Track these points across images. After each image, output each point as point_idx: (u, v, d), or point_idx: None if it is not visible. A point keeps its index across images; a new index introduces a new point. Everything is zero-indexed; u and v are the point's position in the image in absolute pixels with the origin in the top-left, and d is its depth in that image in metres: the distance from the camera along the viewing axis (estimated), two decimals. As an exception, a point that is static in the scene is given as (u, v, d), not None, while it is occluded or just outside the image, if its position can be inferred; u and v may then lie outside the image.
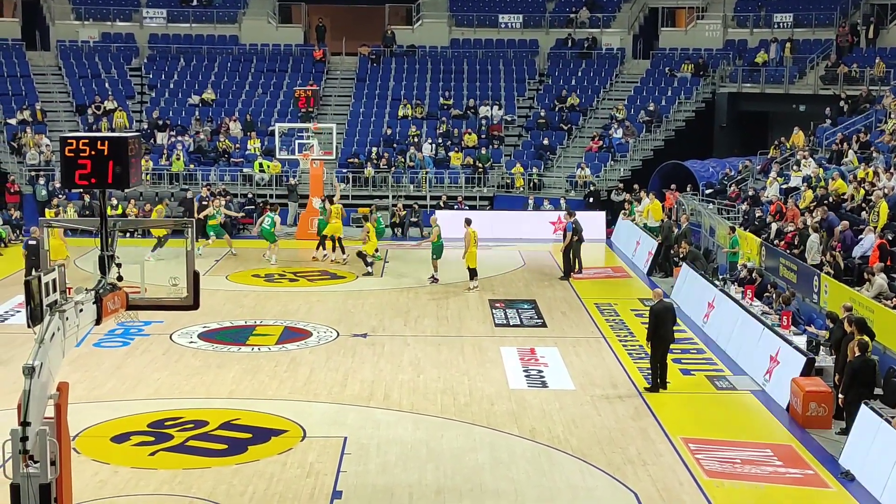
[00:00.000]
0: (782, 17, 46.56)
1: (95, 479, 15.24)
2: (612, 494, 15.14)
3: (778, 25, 46.40)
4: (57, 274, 11.14)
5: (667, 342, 19.64)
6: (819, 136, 36.52)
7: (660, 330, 19.39)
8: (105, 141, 11.59)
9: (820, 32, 45.23)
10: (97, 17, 49.36)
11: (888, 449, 14.91)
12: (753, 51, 45.51)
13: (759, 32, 46.56)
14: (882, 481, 14.87)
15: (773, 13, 47.01)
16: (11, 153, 42.30)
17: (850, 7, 45.71)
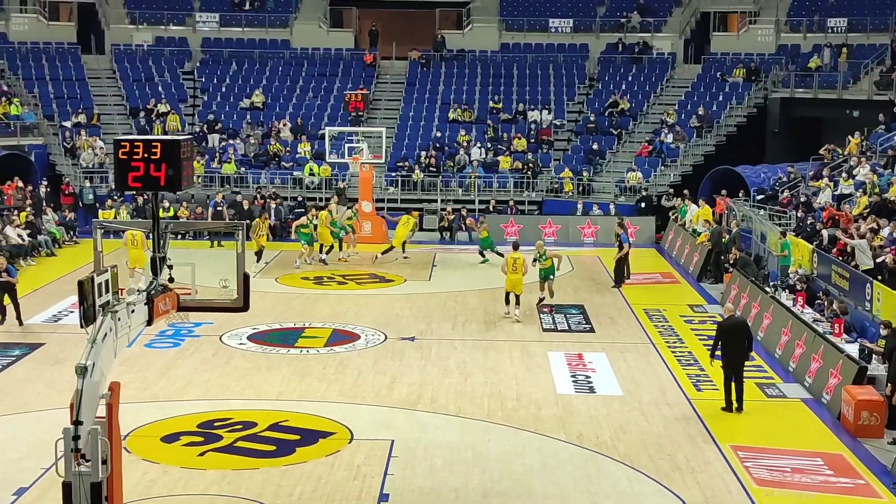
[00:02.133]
0: (836, 22, 46.14)
1: (145, 478, 15.38)
2: (660, 501, 15.06)
3: (832, 30, 45.98)
4: (110, 275, 11.25)
5: (736, 361, 18.78)
6: (873, 141, 36.14)
7: (727, 348, 18.75)
8: (158, 143, 11.68)
9: (875, 37, 44.72)
10: (151, 21, 49.84)
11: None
12: (806, 55, 45.12)
13: (813, 37, 46.13)
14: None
15: (826, 17, 46.58)
16: (66, 155, 42.77)
17: (907, 11, 45.32)
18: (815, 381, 20.16)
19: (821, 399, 19.51)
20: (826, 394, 19.34)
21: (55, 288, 28.62)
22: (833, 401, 18.88)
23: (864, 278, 23.15)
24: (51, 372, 20.63)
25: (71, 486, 10.42)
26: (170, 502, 14.70)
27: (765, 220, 32.78)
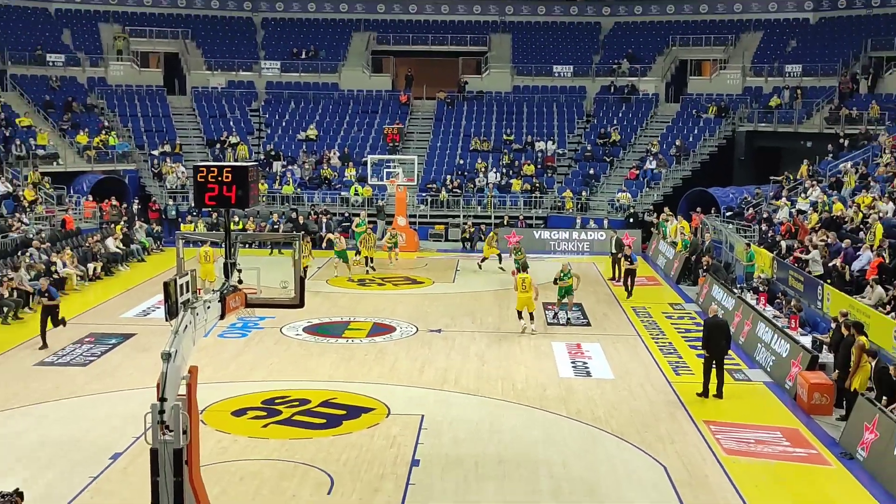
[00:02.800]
0: (792, 68, 45.99)
1: (219, 446, 15.45)
2: (645, 467, 15.02)
3: (789, 75, 45.80)
4: (189, 278, 11.32)
5: (719, 353, 18.47)
6: (823, 167, 36.03)
7: (710, 343, 18.50)
8: (229, 169, 11.75)
9: (825, 80, 44.57)
10: (224, 67, 50.10)
11: (883, 433, 14.69)
12: (768, 96, 44.96)
13: (773, 80, 45.95)
14: (877, 460, 14.63)
15: (784, 64, 46.44)
16: (154, 178, 43.05)
17: (851, 59, 45.13)
18: (775, 368, 20.08)
19: (779, 383, 19.44)
20: (784, 378, 19.26)
21: (145, 288, 28.82)
22: (790, 384, 18.81)
23: (815, 281, 23.07)
24: (141, 357, 20.76)
25: (157, 452, 10.47)
26: (239, 466, 14.75)
27: (733, 233, 32.70)
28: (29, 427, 16.54)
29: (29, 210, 34.46)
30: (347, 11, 53.28)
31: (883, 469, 14.38)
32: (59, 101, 45.01)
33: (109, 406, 17.66)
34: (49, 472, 14.38)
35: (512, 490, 14.03)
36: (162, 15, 51.37)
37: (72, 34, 49.10)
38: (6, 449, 15.44)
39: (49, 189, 37.81)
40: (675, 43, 49.67)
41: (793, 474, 14.81)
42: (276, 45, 51.73)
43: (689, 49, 49.51)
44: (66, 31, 49.11)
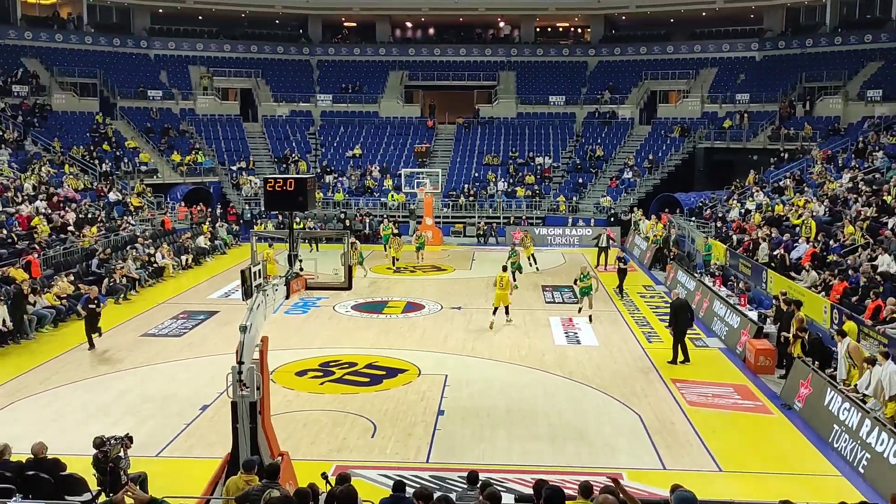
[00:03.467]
0: (741, 97, 45.53)
1: (285, 399, 15.52)
2: (624, 415, 14.98)
3: (738, 101, 45.37)
4: (261, 266, 11.36)
5: (683, 329, 18.33)
6: (766, 176, 35.74)
7: (676, 320, 18.31)
8: (293, 180, 11.78)
9: (768, 106, 44.14)
10: (288, 100, 50.19)
11: (815, 389, 14.61)
12: (721, 119, 44.56)
13: (726, 106, 45.52)
14: (811, 410, 14.55)
15: (735, 93, 45.99)
16: (233, 188, 43.24)
17: (789, 89, 44.70)
18: (728, 336, 19.96)
19: (732, 348, 19.33)
20: (735, 344, 19.15)
21: (226, 275, 28.97)
22: (740, 349, 18.70)
23: (761, 267, 22.92)
24: (223, 330, 20.88)
25: (236, 405, 10.52)
26: (300, 415, 14.82)
27: (694, 228, 32.54)
28: (135, 385, 16.68)
29: (135, 213, 34.70)
30: (385, 55, 53.27)
31: (815, 417, 14.31)
32: (158, 127, 45.24)
33: (199, 368, 17.78)
34: (151, 421, 14.50)
35: (518, 435, 14.01)
36: (238, 58, 51.50)
37: (167, 74, 49.31)
38: (117, 403, 15.58)
39: (150, 197, 38.06)
40: (647, 77, 49.31)
41: (743, 422, 14.73)
42: (328, 82, 51.73)
43: (658, 82, 49.14)
44: (162, 72, 49.33)
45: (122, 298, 24.80)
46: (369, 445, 13.44)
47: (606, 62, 51.93)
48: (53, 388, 16.41)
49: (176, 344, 19.95)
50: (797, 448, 13.60)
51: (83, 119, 43.39)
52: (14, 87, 41.97)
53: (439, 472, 12.31)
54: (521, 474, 12.14)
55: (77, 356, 18.87)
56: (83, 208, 31.67)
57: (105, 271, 25.75)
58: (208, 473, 10.87)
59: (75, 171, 36.82)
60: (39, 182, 32.33)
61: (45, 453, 10.45)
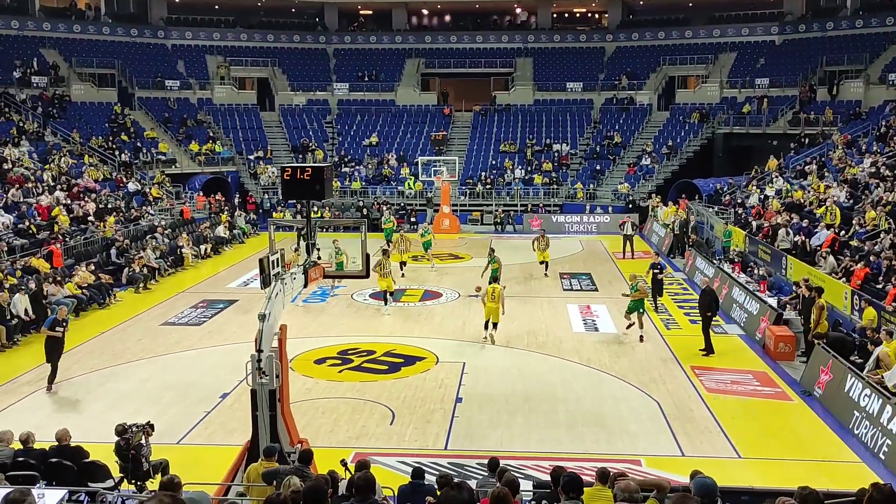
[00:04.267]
0: (761, 81, 45.08)
1: (304, 387, 15.62)
2: (642, 402, 14.96)
3: (758, 86, 44.89)
4: (279, 255, 11.41)
5: (710, 317, 18.09)
6: (786, 161, 35.43)
7: (703, 308, 18.14)
8: (310, 169, 11.80)
9: (788, 90, 43.64)
10: (304, 89, 50.21)
11: (836, 375, 14.52)
12: (741, 104, 44.12)
13: (745, 91, 45.08)
14: (831, 397, 14.47)
15: (755, 78, 45.50)
16: (251, 177, 43.39)
17: (810, 73, 44.15)
18: (747, 323, 19.86)
19: (751, 334, 19.22)
20: (755, 331, 19.04)
21: (245, 264, 29.11)
22: (759, 335, 18.60)
23: (780, 253, 22.75)
24: (242, 318, 21.01)
25: (256, 392, 10.60)
26: (320, 402, 14.90)
27: (713, 215, 32.31)
28: (156, 374, 16.84)
29: (154, 203, 34.92)
30: (401, 42, 53.15)
31: (835, 403, 14.23)
32: (176, 117, 45.42)
33: (218, 356, 17.91)
34: (172, 409, 14.63)
35: (535, 421, 14.03)
36: (255, 47, 51.57)
37: (185, 64, 49.46)
38: (138, 391, 15.74)
39: (169, 187, 38.27)
40: (665, 63, 48.88)
41: (762, 408, 14.67)
42: (345, 71, 51.70)
43: (676, 67, 48.70)
44: (180, 62, 49.49)
45: (141, 288, 25.01)
46: (388, 433, 13.50)
47: (624, 48, 51.55)
48: (76, 376, 16.59)
49: (196, 332, 20.10)
50: (817, 434, 13.53)
51: (102, 110, 43.65)
52: (33, 79, 42.27)
53: (458, 458, 12.36)
54: (539, 461, 12.17)
55: (98, 345, 19.06)
56: (103, 198, 31.92)
57: (125, 261, 25.97)
58: (228, 460, 10.97)
59: (95, 161, 37.07)
60: (59, 173, 32.60)
61: (68, 440, 10.59)
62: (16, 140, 34.71)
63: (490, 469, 9.54)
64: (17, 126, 36.71)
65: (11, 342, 18.97)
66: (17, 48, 44.00)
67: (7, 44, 43.97)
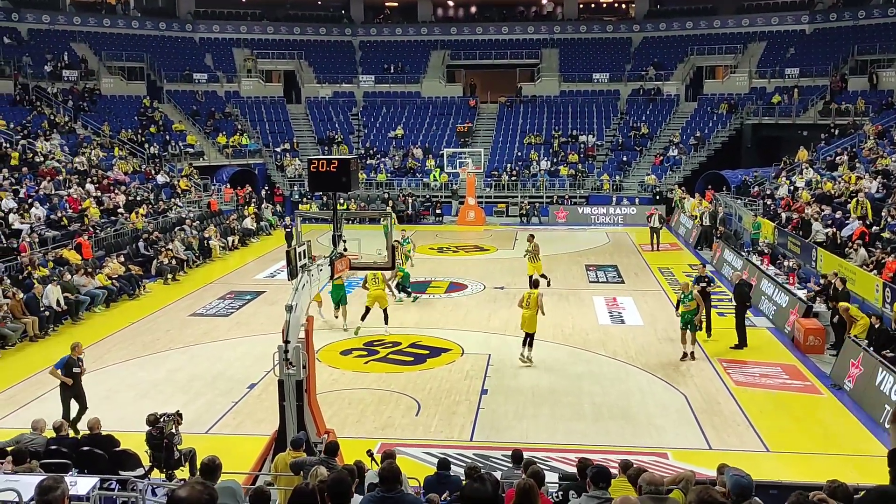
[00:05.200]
0: (791, 71, 44.50)
1: (330, 378, 15.71)
2: (669, 395, 14.88)
3: (788, 76, 44.34)
4: (306, 247, 11.46)
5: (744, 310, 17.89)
6: (817, 152, 34.98)
7: (738, 300, 17.99)
8: (336, 161, 11.84)
9: (818, 80, 43.04)
10: (330, 81, 50.33)
11: (866, 368, 14.35)
12: (770, 94, 43.60)
13: (775, 81, 44.52)
14: (861, 390, 14.30)
15: (784, 67, 44.93)
16: (277, 170, 43.63)
17: (840, 62, 43.50)
18: (776, 316, 19.65)
19: (780, 327, 19.03)
20: (784, 323, 18.85)
21: (272, 255, 29.30)
22: (788, 328, 18.41)
23: (810, 245, 22.48)
24: (269, 309, 21.15)
25: (283, 383, 10.67)
26: (346, 393, 14.98)
27: (741, 207, 31.99)
28: (184, 364, 17.02)
29: (182, 195, 35.23)
30: (427, 34, 53.08)
31: (866, 397, 14.07)
32: (204, 110, 45.75)
33: (246, 347, 18.05)
34: (201, 399, 14.79)
35: (561, 414, 14.01)
36: (282, 40, 51.74)
37: (212, 58, 49.78)
38: (167, 381, 15.92)
39: (197, 179, 38.59)
40: (692, 53, 48.38)
41: (791, 401, 14.53)
42: (371, 63, 51.76)
43: (704, 57, 48.18)
44: (207, 56, 49.81)
45: (170, 279, 25.26)
46: (414, 424, 13.55)
47: (651, 38, 51.10)
48: (106, 366, 16.82)
49: (224, 323, 20.28)
50: (847, 428, 13.38)
51: (131, 103, 44.07)
52: (64, 72, 42.76)
53: (483, 450, 12.38)
54: (564, 453, 12.15)
55: (128, 335, 19.30)
56: (132, 191, 32.26)
57: (153, 252, 26.25)
58: (256, 450, 11.07)
59: (124, 154, 37.47)
60: (90, 165, 32.98)
61: (99, 429, 10.74)
62: (47, 133, 35.18)
63: (514, 461, 9.54)
64: (48, 119, 37.19)
65: (44, 332, 19.27)
66: (48, 42, 44.54)
67: (39, 38, 44.52)
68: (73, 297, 20.54)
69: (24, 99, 38.75)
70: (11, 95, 38.78)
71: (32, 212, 25.54)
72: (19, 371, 16.55)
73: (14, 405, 14.55)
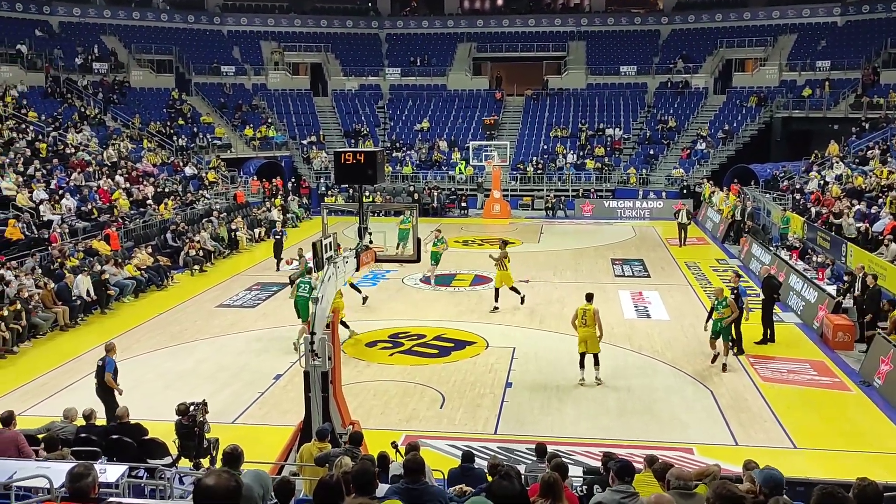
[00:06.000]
0: (822, 63, 43.88)
1: (355, 369, 15.77)
2: (695, 390, 14.78)
3: (819, 69, 43.74)
4: (332, 239, 11.51)
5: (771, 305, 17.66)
6: (847, 146, 34.49)
7: (774, 291, 17.75)
8: (362, 153, 11.87)
9: (850, 73, 42.40)
10: (357, 74, 50.41)
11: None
12: (800, 87, 43.05)
13: (805, 74, 43.96)
14: (891, 387, 14.11)
15: (815, 60, 44.32)
16: (304, 162, 43.81)
17: (873, 55, 42.81)
18: (805, 311, 19.44)
19: (809, 323, 18.81)
20: (813, 319, 18.63)
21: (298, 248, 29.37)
22: (817, 324, 18.20)
23: (840, 240, 22.18)
24: (295, 301, 21.25)
25: (309, 374, 10.74)
26: (371, 385, 15.04)
27: (770, 201, 31.64)
28: (211, 354, 17.18)
29: (210, 187, 35.51)
30: (453, 27, 52.98)
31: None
32: (231, 103, 46.05)
33: (272, 338, 18.18)
34: (227, 389, 14.92)
35: (586, 408, 13.97)
36: (309, 33, 51.90)
37: (240, 50, 50.06)
38: (194, 371, 16.07)
39: (224, 171, 38.87)
40: (722, 45, 47.87)
41: (819, 398, 14.38)
42: (397, 55, 51.77)
43: (734, 50, 47.65)
44: (235, 48, 50.10)
45: (197, 270, 25.48)
46: (438, 416, 13.57)
47: (680, 30, 50.61)
48: (135, 355, 17.02)
49: (250, 314, 20.43)
50: (877, 425, 13.20)
51: (160, 95, 44.46)
52: (94, 65, 43.22)
53: (507, 443, 12.37)
54: (588, 447, 12.11)
55: (157, 325, 19.51)
56: (161, 182, 32.56)
57: (181, 244, 26.49)
58: (282, 440, 11.15)
59: (153, 146, 37.82)
60: (119, 157, 33.34)
61: (128, 417, 10.87)
62: (78, 125, 35.59)
63: (538, 454, 9.53)
64: (78, 111, 37.63)
65: (74, 322, 19.54)
66: (79, 35, 45.02)
67: (70, 31, 45.03)
68: (104, 288, 20.80)
69: (56, 91, 39.23)
70: (43, 87, 39.27)
71: (63, 203, 25.88)
72: (50, 360, 16.81)
73: (45, 393, 14.78)
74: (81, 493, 4.54)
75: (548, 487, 6.26)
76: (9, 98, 34.89)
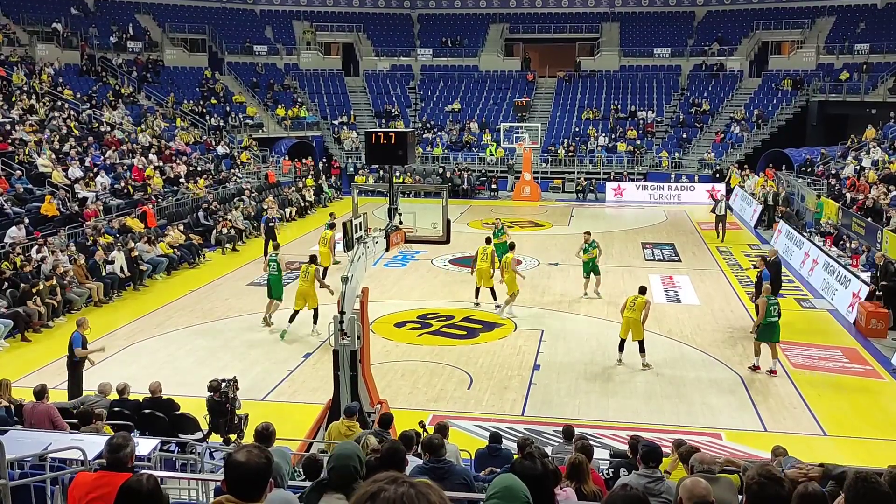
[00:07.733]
0: (860, 47, 42.95)
1: (384, 349, 15.86)
2: (724, 376, 14.68)
3: (857, 52, 42.84)
4: (362, 219, 11.54)
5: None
6: (885, 131, 33.81)
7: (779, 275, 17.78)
8: (393, 134, 11.87)
9: (889, 56, 41.46)
10: (388, 54, 50.32)
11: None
12: (838, 70, 42.21)
13: (843, 57, 43.07)
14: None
15: (854, 43, 43.41)
16: (335, 142, 43.91)
17: (914, 38, 41.94)
18: (838, 298, 19.18)
19: (841, 310, 18.56)
20: (846, 307, 18.38)
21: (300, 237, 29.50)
22: (851, 311, 17.94)
23: (875, 226, 21.80)
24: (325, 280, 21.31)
25: (338, 353, 10.81)
26: (399, 364, 15.12)
27: (804, 186, 31.18)
28: (242, 332, 17.35)
29: (242, 167, 35.73)
30: (486, 7, 52.61)
31: (930, 385, 13.65)
32: (264, 82, 46.21)
33: (302, 317, 18.30)
34: (257, 367, 15.08)
35: (613, 390, 13.93)
36: (341, 13, 51.87)
37: (272, 30, 50.18)
38: (225, 348, 16.26)
39: (256, 150, 39.08)
40: (758, 27, 47.03)
41: (850, 386, 14.22)
42: (428, 36, 51.56)
43: (770, 32, 46.80)
44: (268, 28, 50.22)
45: (229, 249, 25.71)
46: (466, 397, 13.62)
47: (715, 12, 49.82)
48: (167, 332, 17.26)
49: (280, 293, 20.56)
50: (909, 415, 13.04)
51: (193, 74, 44.74)
52: (129, 44, 43.58)
53: (534, 425, 12.39)
54: (616, 430, 12.09)
55: (188, 303, 19.74)
56: (193, 161, 32.82)
57: (213, 222, 26.72)
58: (311, 418, 11.26)
59: (186, 125, 38.11)
60: (153, 135, 33.65)
61: (160, 392, 11.05)
62: (113, 104, 35.96)
63: (565, 437, 9.54)
64: (113, 90, 38.00)
65: (108, 298, 19.83)
66: (114, 14, 45.37)
67: (105, 9, 45.40)
68: (136, 264, 21.08)
69: (91, 69, 39.63)
70: (78, 65, 39.69)
71: (98, 180, 26.20)
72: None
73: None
74: (119, 462, 4.63)
75: (573, 469, 6.27)
76: (45, 76, 35.31)
